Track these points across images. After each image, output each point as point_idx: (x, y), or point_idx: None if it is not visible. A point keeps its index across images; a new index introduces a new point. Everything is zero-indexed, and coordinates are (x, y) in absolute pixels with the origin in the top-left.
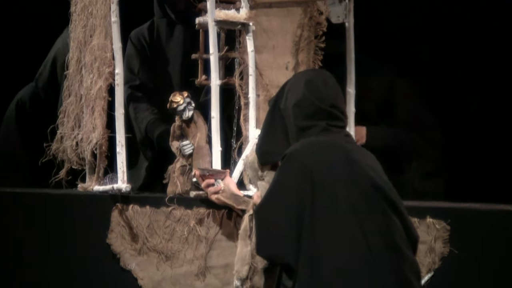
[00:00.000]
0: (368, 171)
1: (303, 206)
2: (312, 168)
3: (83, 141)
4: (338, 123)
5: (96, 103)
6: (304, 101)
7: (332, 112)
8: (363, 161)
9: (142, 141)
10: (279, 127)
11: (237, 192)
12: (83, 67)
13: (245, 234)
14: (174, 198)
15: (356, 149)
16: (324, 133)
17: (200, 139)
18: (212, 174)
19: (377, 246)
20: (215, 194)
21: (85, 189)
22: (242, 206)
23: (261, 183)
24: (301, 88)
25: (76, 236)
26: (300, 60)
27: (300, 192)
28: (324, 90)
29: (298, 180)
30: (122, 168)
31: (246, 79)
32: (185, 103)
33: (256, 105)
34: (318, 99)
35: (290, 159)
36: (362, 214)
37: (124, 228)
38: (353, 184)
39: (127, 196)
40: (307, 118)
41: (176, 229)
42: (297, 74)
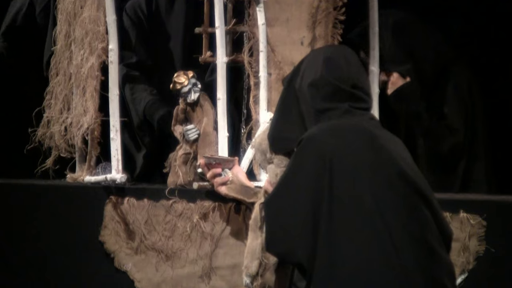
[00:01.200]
0: (396, 159)
1: (320, 198)
2: (332, 154)
3: (72, 126)
4: (361, 104)
5: (88, 83)
6: (322, 81)
7: (354, 93)
8: (390, 148)
9: (140, 125)
10: (294, 109)
11: (247, 183)
12: (73, 42)
13: (255, 224)
14: (175, 190)
15: (382, 134)
16: (346, 116)
17: (207, 125)
18: (219, 163)
19: (405, 244)
20: (222, 186)
21: (75, 179)
22: (253, 199)
23: (270, 166)
24: (319, 66)
25: (64, 233)
26: (317, 34)
27: (317, 182)
28: (345, 68)
29: (316, 168)
30: (117, 156)
31: (256, 56)
32: (190, 84)
33: (267, 85)
34: (338, 78)
35: (306, 145)
36: (388, 207)
37: (119, 224)
38: (378, 173)
39: (122, 187)
40: (326, 99)
41: (177, 225)
42: (315, 51)
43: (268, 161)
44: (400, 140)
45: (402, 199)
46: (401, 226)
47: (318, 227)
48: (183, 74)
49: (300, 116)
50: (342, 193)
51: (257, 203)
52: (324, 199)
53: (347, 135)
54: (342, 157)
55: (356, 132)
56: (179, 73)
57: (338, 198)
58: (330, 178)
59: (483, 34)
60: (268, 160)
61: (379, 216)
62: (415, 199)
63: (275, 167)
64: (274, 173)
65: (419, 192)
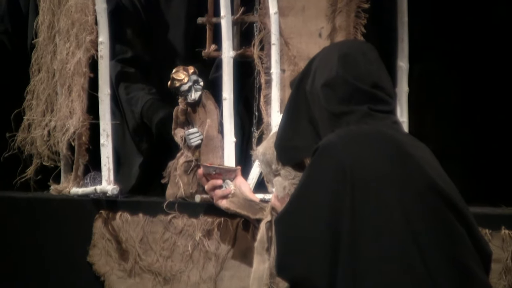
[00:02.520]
0: (425, 169)
1: (340, 214)
2: (352, 165)
3: (57, 130)
4: (383, 107)
5: (74, 80)
6: (337, 80)
7: (374, 93)
8: (418, 156)
9: (136, 129)
10: (304, 114)
11: (252, 197)
12: (57, 34)
13: (262, 246)
14: (175, 204)
15: (408, 140)
16: (366, 120)
17: (210, 127)
18: (219, 173)
19: (438, 265)
20: (222, 199)
21: (60, 192)
22: (259, 216)
23: (277, 179)
24: (333, 64)
25: (48, 254)
26: (338, 25)
27: (336, 197)
28: (363, 66)
29: (334, 180)
30: (108, 164)
31: (268, 50)
32: (191, 82)
33: (280, 83)
34: (356, 77)
35: (323, 154)
36: (418, 223)
37: (110, 243)
38: (406, 185)
39: (114, 200)
40: (343, 101)
41: (177, 243)
42: (328, 47)
43: (274, 173)
44: (426, 146)
45: (434, 215)
46: (434, 246)
47: (339, 249)
48: (183, 70)
49: (312, 121)
50: (365, 210)
51: (262, 221)
52: (345, 217)
53: (370, 143)
54: (364, 168)
55: (379, 139)
56: (178, 69)
57: (361, 216)
58: (351, 193)
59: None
60: (274, 172)
61: (409, 235)
62: (448, 215)
63: (283, 179)
64: (281, 187)
65: (453, 206)
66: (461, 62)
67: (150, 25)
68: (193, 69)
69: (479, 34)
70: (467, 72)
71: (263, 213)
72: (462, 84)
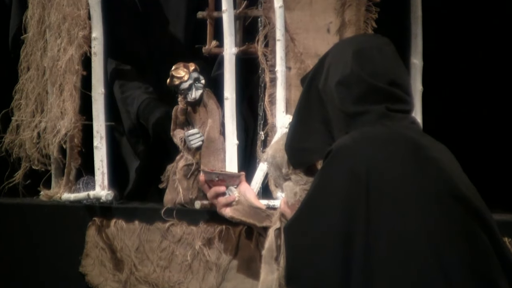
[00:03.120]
0: (447, 173)
1: (353, 222)
2: (368, 169)
3: (47, 132)
4: (401, 106)
5: (66, 79)
6: (352, 78)
7: (392, 91)
8: (439, 159)
9: (132, 130)
10: (317, 114)
11: (258, 204)
12: (47, 29)
13: (270, 255)
14: (173, 210)
15: (428, 142)
16: (383, 120)
17: (212, 129)
18: (222, 179)
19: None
20: (226, 207)
21: (50, 197)
22: (266, 223)
23: (287, 184)
24: (348, 60)
25: (38, 263)
26: (347, 19)
27: (350, 203)
28: (380, 62)
29: (348, 185)
30: (102, 168)
31: (273, 46)
32: (191, 80)
33: (285, 82)
34: (372, 74)
35: (336, 158)
36: (438, 233)
37: (104, 252)
38: (425, 192)
39: (109, 207)
40: (358, 101)
41: (176, 252)
42: (342, 42)
43: (284, 178)
44: (446, 148)
45: (456, 224)
46: (456, 257)
47: (352, 259)
48: (183, 67)
49: (325, 122)
50: (381, 219)
51: (271, 228)
52: (359, 226)
53: (386, 146)
54: (381, 173)
55: (397, 142)
56: (178, 66)
57: (376, 224)
58: (366, 199)
59: None
60: (284, 176)
61: (428, 245)
62: (470, 222)
63: (294, 184)
64: (292, 192)
65: (475, 213)
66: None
67: (147, 20)
68: (194, 66)
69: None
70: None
71: (270, 220)
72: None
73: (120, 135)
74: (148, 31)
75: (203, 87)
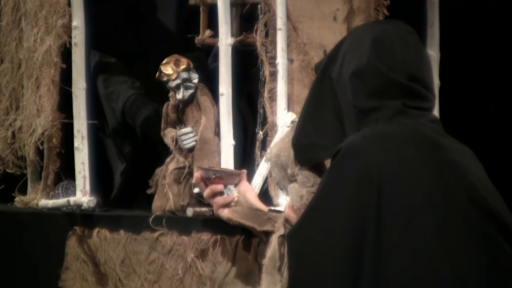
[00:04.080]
0: (468, 177)
1: (363, 229)
2: (381, 172)
3: (22, 131)
4: (420, 103)
5: (43, 72)
6: (368, 70)
7: (411, 86)
8: (460, 162)
9: (117, 129)
10: (329, 107)
11: (259, 205)
12: (23, 17)
13: (272, 265)
14: (163, 218)
15: (448, 143)
16: (399, 117)
17: (206, 128)
18: (220, 177)
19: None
20: (224, 208)
21: (26, 204)
22: (267, 228)
23: (293, 186)
24: (365, 49)
25: (12, 277)
26: (356, 6)
27: (360, 208)
28: (400, 53)
29: (358, 188)
30: (83, 172)
31: (273, 36)
32: (179, 79)
33: (287, 76)
34: (391, 67)
35: (346, 158)
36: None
37: (86, 265)
38: (443, 197)
39: (91, 214)
40: (373, 95)
41: (165, 265)
42: (361, 28)
43: (290, 179)
44: (470, 150)
45: (477, 233)
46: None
47: (361, 270)
48: (173, 64)
49: (338, 117)
50: (394, 224)
51: (274, 235)
52: (369, 233)
53: (402, 145)
54: (395, 175)
55: (413, 141)
56: (169, 60)
57: (388, 231)
58: (377, 204)
59: None
60: (290, 178)
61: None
62: (492, 232)
63: (300, 186)
64: (298, 195)
65: (497, 221)
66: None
67: (134, 7)
68: (186, 64)
69: None
70: None
71: (272, 224)
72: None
73: (104, 134)
74: (135, 20)
75: (195, 86)
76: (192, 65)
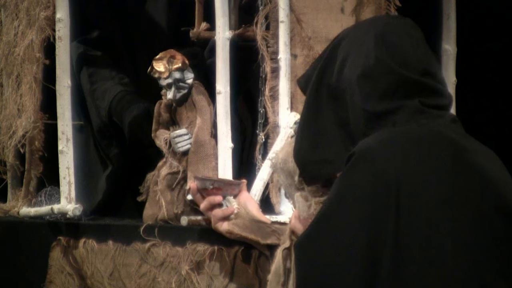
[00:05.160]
0: (494, 183)
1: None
2: (398, 177)
3: (2, 133)
4: (437, 100)
5: (25, 69)
6: (378, 69)
7: (426, 83)
8: (485, 166)
9: (102, 130)
10: (330, 117)
11: (261, 217)
12: (2, 9)
13: (276, 281)
14: (155, 228)
15: (472, 145)
16: (418, 118)
17: (201, 130)
18: (218, 187)
19: None
20: (223, 221)
21: (6, 212)
22: (271, 241)
23: (300, 194)
24: (370, 47)
25: None
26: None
27: (376, 217)
28: (410, 47)
29: (374, 196)
30: (68, 177)
31: (275, 29)
32: (171, 79)
33: (291, 72)
34: (403, 63)
35: (360, 162)
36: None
37: (71, 278)
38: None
39: (77, 223)
40: (386, 96)
41: (158, 279)
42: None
43: (297, 187)
44: (493, 153)
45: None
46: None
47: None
48: (166, 62)
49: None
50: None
51: (279, 248)
52: (386, 245)
53: (421, 148)
54: (414, 182)
55: (434, 143)
56: (163, 56)
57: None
58: (396, 214)
59: None
60: (297, 185)
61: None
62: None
63: (308, 195)
64: (305, 205)
65: None
66: None
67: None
68: (180, 63)
69: None
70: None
71: (277, 237)
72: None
73: (90, 136)
74: (124, 11)
75: (188, 87)
76: (188, 64)
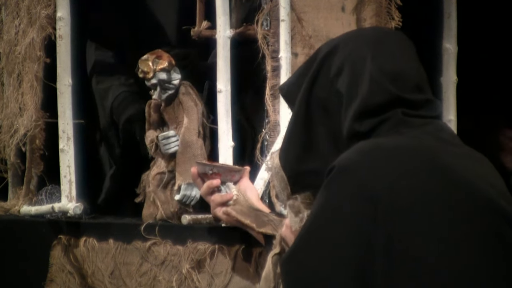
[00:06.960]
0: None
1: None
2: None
3: (3, 132)
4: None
5: (26, 67)
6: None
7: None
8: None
9: (107, 129)
10: (320, 127)
11: (260, 206)
12: (3, 7)
13: (267, 286)
14: (155, 227)
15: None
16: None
17: (188, 130)
18: (217, 172)
19: None
20: (222, 207)
21: (7, 210)
22: (267, 230)
23: (292, 204)
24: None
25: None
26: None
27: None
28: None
29: (358, 210)
30: (69, 176)
31: (276, 28)
32: (155, 80)
33: (291, 71)
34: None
35: (340, 175)
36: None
37: (72, 277)
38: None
39: (77, 222)
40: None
41: (158, 277)
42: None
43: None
44: (486, 158)
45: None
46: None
47: None
48: (152, 62)
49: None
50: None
51: (270, 253)
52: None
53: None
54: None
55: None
56: (149, 57)
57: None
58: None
59: None
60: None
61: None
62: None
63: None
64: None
65: None
66: None
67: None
68: (166, 64)
69: None
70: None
71: (273, 227)
72: None
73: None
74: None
75: (175, 87)
76: (174, 64)
